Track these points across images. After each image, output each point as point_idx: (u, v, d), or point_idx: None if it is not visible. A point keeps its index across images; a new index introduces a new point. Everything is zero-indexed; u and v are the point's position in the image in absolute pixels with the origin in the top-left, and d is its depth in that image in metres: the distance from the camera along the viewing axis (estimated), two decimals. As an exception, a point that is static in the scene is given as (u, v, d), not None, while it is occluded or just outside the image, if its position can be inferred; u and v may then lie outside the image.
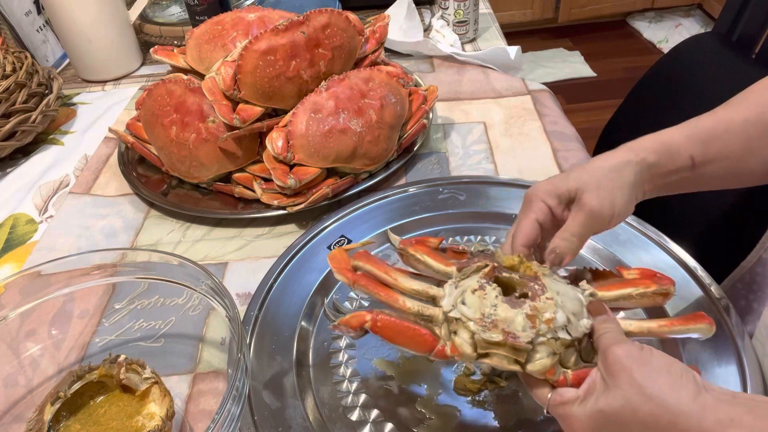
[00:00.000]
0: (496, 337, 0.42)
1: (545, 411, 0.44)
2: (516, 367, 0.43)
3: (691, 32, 2.97)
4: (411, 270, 0.53)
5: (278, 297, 0.64)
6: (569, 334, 0.43)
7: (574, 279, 0.51)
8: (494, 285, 0.45)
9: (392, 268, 0.50)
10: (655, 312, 0.58)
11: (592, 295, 0.47)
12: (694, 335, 0.46)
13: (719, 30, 0.99)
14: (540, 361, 0.43)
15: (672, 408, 0.37)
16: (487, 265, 0.46)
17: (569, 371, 0.43)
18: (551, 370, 0.43)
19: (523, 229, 0.50)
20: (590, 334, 0.44)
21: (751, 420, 0.35)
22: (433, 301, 0.48)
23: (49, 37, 1.19)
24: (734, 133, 0.52)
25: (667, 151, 0.51)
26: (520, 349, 0.42)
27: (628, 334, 0.46)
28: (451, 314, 0.45)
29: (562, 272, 0.53)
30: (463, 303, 0.45)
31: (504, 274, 0.46)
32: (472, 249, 0.54)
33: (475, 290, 0.44)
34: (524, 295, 0.44)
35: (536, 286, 0.44)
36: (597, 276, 0.52)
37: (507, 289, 0.45)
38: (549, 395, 0.43)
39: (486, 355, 0.44)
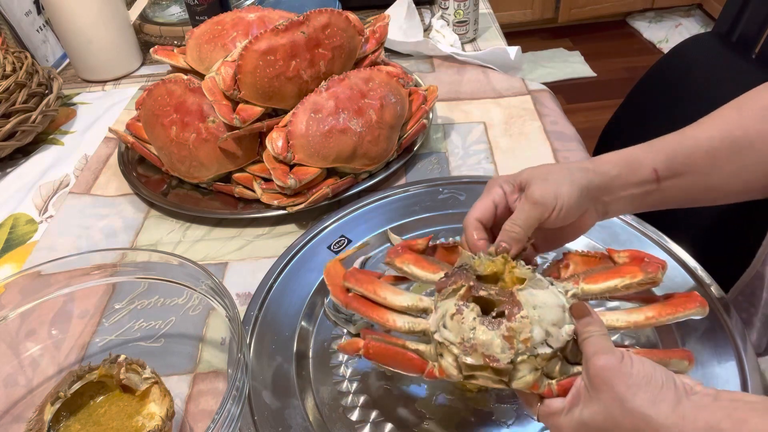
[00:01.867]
0: (477, 361, 0.43)
1: (536, 419, 0.45)
2: (502, 386, 0.44)
3: (691, 32, 2.97)
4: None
5: (278, 297, 0.64)
6: (550, 346, 0.44)
7: (557, 270, 0.52)
8: (472, 306, 0.45)
9: (381, 284, 0.51)
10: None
11: (575, 296, 0.47)
12: (690, 316, 0.46)
13: (719, 30, 0.99)
14: (523, 379, 0.44)
15: (652, 422, 0.38)
16: (462, 286, 0.46)
17: (554, 382, 0.44)
18: (535, 384, 0.44)
19: (479, 206, 0.52)
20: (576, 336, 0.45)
21: (730, 424, 0.37)
22: (425, 312, 0.49)
23: (49, 37, 1.19)
24: (699, 149, 0.52)
25: (627, 163, 0.52)
26: (502, 370, 0.43)
27: (615, 330, 0.47)
28: (436, 337, 0.46)
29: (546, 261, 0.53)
30: (445, 326, 0.46)
31: (481, 292, 0.46)
32: (459, 242, 0.54)
33: (453, 315, 0.45)
34: (502, 314, 0.45)
35: (511, 304, 0.45)
36: (585, 261, 0.52)
37: (487, 304, 0.46)
38: (538, 406, 0.45)
39: (472, 377, 0.45)
